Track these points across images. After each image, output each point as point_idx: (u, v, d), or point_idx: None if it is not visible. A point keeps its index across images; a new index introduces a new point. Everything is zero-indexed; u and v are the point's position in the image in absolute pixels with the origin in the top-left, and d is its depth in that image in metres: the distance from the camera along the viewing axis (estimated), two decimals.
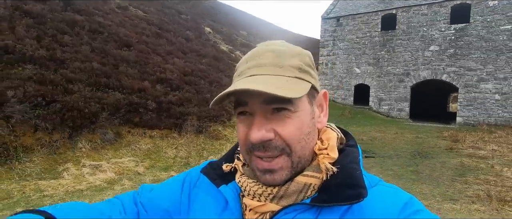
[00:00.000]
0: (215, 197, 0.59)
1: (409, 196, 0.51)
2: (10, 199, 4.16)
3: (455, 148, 8.36)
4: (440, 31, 13.97)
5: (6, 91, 5.20)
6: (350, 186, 0.49)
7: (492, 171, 6.08)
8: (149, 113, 7.53)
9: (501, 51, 12.67)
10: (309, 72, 0.53)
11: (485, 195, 4.64)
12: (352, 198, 0.47)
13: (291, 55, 0.52)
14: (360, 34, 16.29)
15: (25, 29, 7.23)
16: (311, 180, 0.51)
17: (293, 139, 0.49)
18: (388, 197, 0.50)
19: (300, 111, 0.50)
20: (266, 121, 0.49)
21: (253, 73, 0.50)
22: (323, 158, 0.52)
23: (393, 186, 0.54)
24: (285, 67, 0.50)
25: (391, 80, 15.38)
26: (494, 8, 12.79)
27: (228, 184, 0.59)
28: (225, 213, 0.57)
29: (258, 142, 0.49)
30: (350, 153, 0.55)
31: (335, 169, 0.51)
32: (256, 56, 0.52)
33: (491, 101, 12.93)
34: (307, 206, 0.50)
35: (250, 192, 0.54)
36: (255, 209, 0.53)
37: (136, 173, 5.70)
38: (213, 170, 0.62)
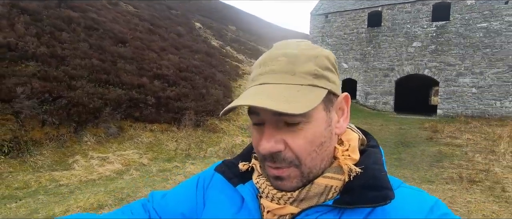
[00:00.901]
0: (230, 196, 0.59)
1: (435, 199, 0.49)
2: (28, 188, 4.46)
3: (435, 138, 9.08)
4: (422, 28, 14.73)
5: (15, 88, 5.42)
6: (375, 188, 0.47)
7: (465, 157, 6.76)
8: (149, 107, 7.84)
9: (477, 48, 13.54)
10: (326, 77, 0.50)
11: (457, 177, 5.28)
12: (378, 200, 0.45)
13: (306, 60, 0.49)
14: (348, 31, 16.90)
15: (24, 27, 7.36)
16: (332, 182, 0.50)
17: (303, 152, 0.48)
18: (413, 200, 0.49)
19: (313, 120, 0.48)
20: (277, 131, 0.48)
21: (264, 81, 0.49)
22: (344, 159, 0.51)
23: (417, 189, 0.52)
24: (297, 75, 0.48)
25: (377, 75, 16.11)
26: (471, 6, 13.61)
27: (245, 183, 0.58)
28: (242, 212, 0.56)
29: (267, 153, 0.48)
30: (372, 154, 0.53)
31: (359, 170, 0.49)
32: (269, 61, 0.51)
33: (469, 95, 13.83)
34: (329, 208, 0.49)
35: (268, 194, 0.52)
36: (273, 211, 0.52)
37: (141, 164, 6.05)
38: (228, 168, 0.61)
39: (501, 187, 4.79)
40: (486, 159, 6.53)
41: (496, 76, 13.22)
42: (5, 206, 3.86)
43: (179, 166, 6.01)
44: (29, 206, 3.87)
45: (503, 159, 6.47)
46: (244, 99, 0.46)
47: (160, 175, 5.41)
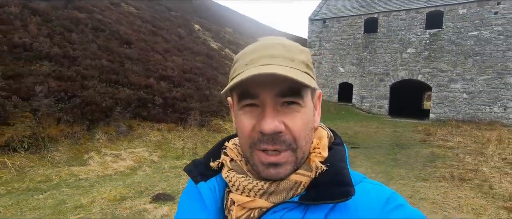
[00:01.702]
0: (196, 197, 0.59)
1: (391, 192, 0.52)
2: (50, 182, 4.72)
3: (428, 140, 9.54)
4: (416, 35, 15.30)
5: (34, 87, 5.67)
6: (339, 184, 0.49)
7: (456, 158, 7.21)
8: (157, 107, 8.12)
9: (468, 55, 14.15)
10: (313, 70, 0.54)
11: (449, 176, 5.70)
12: (340, 196, 0.47)
13: (299, 51, 0.52)
14: (345, 36, 17.40)
15: (37, 27, 7.59)
16: (302, 178, 0.52)
17: (300, 133, 0.50)
18: (371, 193, 0.51)
19: (306, 106, 0.51)
20: (276, 113, 0.49)
21: (266, 62, 0.49)
22: (314, 157, 0.53)
23: (376, 183, 0.55)
24: (296, 61, 0.50)
25: (373, 80, 16.62)
26: (463, 15, 14.23)
27: (206, 181, 0.58)
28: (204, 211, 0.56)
29: (272, 132, 0.48)
30: (338, 152, 0.56)
31: (325, 167, 0.51)
32: (266, 47, 0.51)
33: (460, 100, 14.42)
34: (295, 204, 0.50)
35: (239, 187, 0.53)
36: (243, 205, 0.53)
37: (152, 161, 6.34)
38: (195, 167, 0.61)
39: (488, 185, 5.22)
40: (475, 160, 6.99)
41: (486, 83, 13.83)
42: (32, 197, 4.13)
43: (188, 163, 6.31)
44: (56, 197, 4.14)
45: (491, 160, 6.93)
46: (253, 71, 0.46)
47: (172, 171, 5.72)
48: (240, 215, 0.52)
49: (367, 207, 0.49)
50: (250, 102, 0.50)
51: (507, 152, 7.78)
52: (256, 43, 0.53)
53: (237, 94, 0.52)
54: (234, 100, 0.54)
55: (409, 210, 0.50)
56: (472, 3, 14.01)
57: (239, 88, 0.50)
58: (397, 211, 0.49)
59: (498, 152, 7.67)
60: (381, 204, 0.49)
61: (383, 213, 0.48)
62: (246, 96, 0.50)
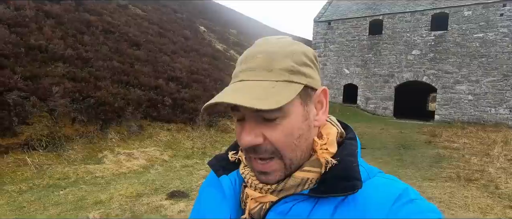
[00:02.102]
0: (218, 187, 0.62)
1: (404, 187, 0.51)
2: (68, 179, 4.90)
3: (433, 141, 9.61)
4: (421, 37, 15.36)
5: (51, 87, 5.87)
6: (346, 178, 0.50)
7: (462, 159, 7.29)
8: (166, 108, 8.30)
9: (474, 57, 14.18)
10: (303, 72, 0.52)
11: (455, 176, 5.80)
12: (347, 189, 0.49)
13: (283, 56, 0.51)
14: (350, 38, 17.49)
15: (51, 30, 7.81)
16: (309, 175, 0.53)
17: (281, 144, 0.51)
18: (383, 188, 0.51)
19: (290, 114, 0.51)
20: (256, 125, 0.50)
21: (243, 77, 0.51)
22: (322, 153, 0.54)
23: (391, 177, 0.55)
24: (274, 71, 0.50)
25: (377, 81, 16.69)
26: (468, 17, 14.27)
27: (228, 174, 0.61)
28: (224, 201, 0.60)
29: (246, 146, 0.51)
30: (348, 146, 0.56)
31: (335, 161, 0.52)
32: (248, 58, 0.53)
33: (465, 101, 14.44)
34: (306, 197, 0.52)
35: (252, 184, 0.56)
36: (255, 199, 0.55)
37: (164, 161, 6.50)
38: (217, 161, 0.65)
39: (494, 185, 5.31)
40: (481, 161, 7.06)
41: (491, 84, 13.84)
42: (53, 193, 4.30)
43: (199, 163, 6.47)
44: (75, 193, 4.31)
45: (497, 161, 7.00)
46: (220, 97, 0.49)
47: (183, 170, 5.87)
48: (253, 208, 0.55)
49: (377, 201, 0.49)
50: (238, 115, 0.52)
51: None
52: (246, 52, 0.55)
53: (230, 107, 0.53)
54: None
55: (422, 205, 0.48)
56: (477, 5, 14.05)
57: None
58: (408, 206, 0.48)
59: (504, 153, 7.73)
60: (392, 199, 0.49)
61: (394, 208, 0.48)
62: (233, 110, 0.52)
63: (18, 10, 7.77)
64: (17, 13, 7.54)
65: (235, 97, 0.47)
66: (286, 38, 0.56)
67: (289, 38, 0.57)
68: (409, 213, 0.47)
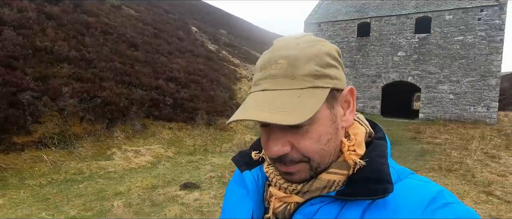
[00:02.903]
0: (242, 183, 0.63)
1: (439, 189, 0.48)
2: (83, 174, 5.20)
3: (418, 138, 10.31)
4: (406, 39, 16.19)
5: (61, 88, 6.12)
6: (376, 181, 0.48)
7: (444, 153, 7.96)
8: (167, 107, 8.62)
9: (454, 58, 15.09)
10: (328, 75, 0.50)
11: (437, 167, 6.42)
12: (377, 192, 0.46)
13: (306, 60, 0.49)
14: (339, 39, 18.18)
15: (54, 31, 8.00)
16: (335, 177, 0.51)
17: (309, 151, 0.49)
18: (415, 190, 0.48)
19: (318, 120, 0.49)
20: (282, 134, 0.49)
21: (265, 87, 0.50)
22: (350, 154, 0.51)
23: (425, 179, 0.52)
24: (298, 78, 0.49)
25: (365, 81, 17.44)
26: (449, 21, 15.17)
27: (251, 170, 0.61)
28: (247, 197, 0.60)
29: (274, 156, 0.50)
30: (377, 147, 0.54)
31: (363, 163, 0.50)
32: (269, 64, 0.51)
33: (447, 100, 15.35)
34: (332, 199, 0.50)
35: (276, 184, 0.55)
36: (280, 199, 0.55)
37: (169, 157, 6.85)
38: (241, 157, 0.65)
39: (471, 174, 5.95)
40: (460, 154, 7.75)
41: (470, 84, 14.78)
42: (72, 186, 4.62)
43: (203, 159, 6.85)
44: (94, 186, 4.63)
45: (474, 154, 7.71)
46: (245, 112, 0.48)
47: (190, 165, 6.25)
48: (278, 207, 0.54)
49: (409, 205, 0.46)
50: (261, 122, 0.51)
51: (488, 147, 8.58)
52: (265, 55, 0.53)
53: None
54: None
55: (458, 209, 0.45)
56: (457, 9, 14.96)
57: None
58: (443, 210, 0.44)
59: (481, 147, 8.47)
60: (425, 202, 0.45)
61: (427, 212, 0.45)
62: None
63: (20, 12, 7.92)
64: (20, 15, 7.70)
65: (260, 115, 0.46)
66: (306, 37, 0.53)
67: (310, 35, 0.54)
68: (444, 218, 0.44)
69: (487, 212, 4.18)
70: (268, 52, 0.53)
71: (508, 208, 4.35)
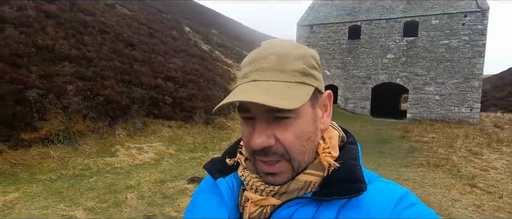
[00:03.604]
0: (216, 192, 0.61)
1: (404, 191, 0.52)
2: (91, 170, 5.35)
3: (406, 136, 10.81)
4: (395, 42, 16.81)
5: (65, 86, 6.23)
6: (350, 181, 0.50)
7: (431, 150, 8.44)
8: (167, 106, 8.79)
9: (440, 61, 15.79)
10: (313, 75, 0.53)
11: (426, 163, 6.85)
12: (352, 191, 0.49)
13: (295, 58, 0.52)
14: (330, 41, 18.67)
15: (54, 30, 8.05)
16: (312, 178, 0.53)
17: (292, 145, 0.51)
18: (384, 192, 0.52)
19: (302, 115, 0.51)
20: (267, 126, 0.50)
21: (255, 78, 0.51)
22: (325, 156, 0.54)
23: (391, 182, 0.55)
24: (287, 72, 0.51)
25: (356, 82, 17.98)
26: (435, 26, 15.86)
27: (225, 177, 0.60)
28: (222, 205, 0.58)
29: (258, 148, 0.50)
30: (350, 150, 0.57)
31: (337, 164, 0.53)
32: (259, 58, 0.53)
33: (433, 101, 16.03)
34: (308, 200, 0.52)
35: (252, 187, 0.55)
36: (256, 202, 0.55)
37: (171, 154, 7.04)
38: (214, 164, 0.64)
39: (457, 169, 6.40)
40: (446, 151, 8.24)
41: (455, 86, 15.51)
42: (82, 181, 4.77)
43: (204, 156, 7.07)
44: (104, 181, 4.80)
45: (459, 151, 8.21)
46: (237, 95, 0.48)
47: (193, 161, 6.46)
48: (253, 211, 0.55)
49: (379, 205, 0.49)
50: (246, 115, 0.52)
51: (472, 145, 9.14)
52: (254, 53, 0.55)
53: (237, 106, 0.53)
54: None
55: (422, 209, 0.49)
56: (443, 14, 15.67)
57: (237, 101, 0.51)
58: (409, 210, 0.49)
59: (465, 145, 9.01)
60: (393, 202, 0.49)
61: (395, 212, 0.48)
62: (242, 110, 0.52)
63: (20, 10, 7.93)
64: (20, 13, 7.71)
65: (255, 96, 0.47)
66: (292, 41, 0.56)
67: (294, 41, 0.57)
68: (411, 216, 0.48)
69: (472, 201, 4.60)
70: (257, 50, 0.55)
71: (490, 198, 4.79)
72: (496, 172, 6.29)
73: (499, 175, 6.13)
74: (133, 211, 3.72)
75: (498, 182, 5.67)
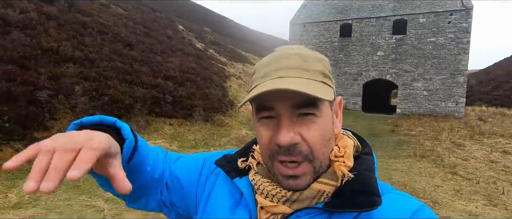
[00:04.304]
0: (230, 188, 0.61)
1: (420, 204, 0.50)
2: None
3: (396, 130, 11.40)
4: (385, 40, 17.41)
5: (73, 86, 6.51)
6: (364, 193, 0.49)
7: (418, 143, 9.01)
8: (167, 105, 9.11)
9: (427, 58, 16.46)
10: (330, 78, 0.54)
11: (413, 154, 7.40)
12: (365, 205, 0.47)
13: (316, 60, 0.53)
14: (323, 39, 19.17)
15: (56, 32, 8.27)
16: (325, 187, 0.52)
17: (316, 144, 0.50)
18: (398, 205, 0.50)
19: (324, 116, 0.51)
20: (293, 123, 0.50)
21: (281, 75, 0.50)
22: (339, 165, 0.52)
23: (405, 194, 0.54)
24: (311, 71, 0.51)
25: (348, 79, 18.55)
26: (423, 24, 16.51)
27: (242, 178, 0.60)
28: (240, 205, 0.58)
29: (287, 144, 0.49)
30: (365, 161, 0.55)
31: (352, 175, 0.51)
32: (282, 58, 0.53)
33: (421, 96, 16.72)
34: (319, 211, 0.51)
35: (263, 192, 0.55)
36: (266, 209, 0.54)
37: (174, 150, 7.39)
38: (228, 162, 0.63)
39: (440, 159, 6.96)
40: (432, 143, 8.82)
41: (442, 82, 16.21)
42: None
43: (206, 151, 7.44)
44: None
45: (443, 143, 8.80)
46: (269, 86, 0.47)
47: None
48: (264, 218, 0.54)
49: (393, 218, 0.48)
50: (267, 114, 0.51)
51: (456, 137, 9.76)
52: (273, 54, 0.55)
53: (255, 106, 0.53)
54: (253, 111, 0.55)
55: None
56: (430, 13, 16.32)
57: (256, 101, 0.51)
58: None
59: (449, 138, 9.62)
60: (408, 215, 0.48)
61: None
62: (263, 109, 0.52)
63: (22, 12, 8.12)
64: (24, 16, 7.91)
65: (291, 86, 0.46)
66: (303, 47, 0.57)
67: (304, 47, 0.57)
68: None
69: (452, 187, 5.12)
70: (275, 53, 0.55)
71: (468, 184, 5.33)
72: (476, 161, 6.87)
73: (478, 164, 6.71)
74: None
75: (477, 170, 6.24)
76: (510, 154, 7.49)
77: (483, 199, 4.63)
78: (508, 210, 4.23)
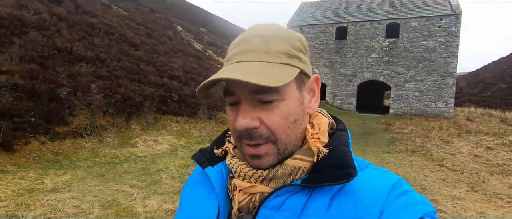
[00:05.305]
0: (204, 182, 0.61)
1: (397, 178, 0.52)
2: (119, 158, 6.11)
3: (389, 129, 12.02)
4: (378, 43, 18.10)
5: (89, 85, 6.92)
6: (340, 167, 0.50)
7: (409, 140, 9.63)
8: (174, 103, 9.55)
9: (419, 60, 17.20)
10: (299, 57, 0.53)
11: (404, 150, 7.99)
12: (342, 177, 0.48)
13: (280, 40, 0.52)
14: (319, 41, 19.79)
15: (68, 33, 8.65)
16: (301, 163, 0.52)
17: (278, 127, 0.50)
18: (377, 179, 0.51)
19: (287, 98, 0.51)
20: (252, 109, 0.50)
21: (239, 59, 0.50)
22: (314, 142, 0.53)
23: (382, 169, 0.55)
24: (272, 53, 0.50)
25: (343, 80, 19.19)
26: (415, 27, 17.25)
27: (214, 166, 0.60)
28: (211, 193, 0.58)
29: (243, 129, 0.50)
30: (339, 136, 0.56)
31: (327, 151, 0.52)
32: (244, 41, 0.52)
33: (412, 97, 17.44)
34: (299, 188, 0.51)
35: (240, 174, 0.55)
36: (244, 190, 0.54)
37: (182, 145, 7.85)
38: (202, 154, 0.64)
39: (430, 154, 7.56)
40: (423, 140, 9.45)
41: (432, 83, 16.96)
42: (116, 167, 5.54)
43: None
44: (135, 166, 5.59)
45: (433, 140, 9.43)
46: (219, 74, 0.48)
47: None
48: (242, 200, 0.54)
49: (373, 192, 0.49)
50: (231, 99, 0.52)
51: (444, 135, 10.41)
52: (240, 36, 0.55)
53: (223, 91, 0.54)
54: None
55: (415, 197, 0.49)
56: (421, 17, 17.07)
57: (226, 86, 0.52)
58: (402, 197, 0.48)
59: (439, 135, 10.27)
60: (387, 189, 0.49)
61: (389, 199, 0.48)
62: (227, 94, 0.52)
63: (36, 14, 8.48)
64: (38, 17, 8.27)
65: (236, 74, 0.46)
66: (278, 25, 0.56)
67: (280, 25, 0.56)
68: (404, 204, 0.47)
69: (439, 177, 5.70)
70: (243, 33, 0.55)
71: (453, 174, 5.92)
72: (462, 156, 7.50)
73: (464, 157, 7.33)
74: (170, 187, 4.56)
75: (462, 163, 6.85)
76: (493, 150, 8.14)
77: (466, 186, 5.21)
78: (487, 195, 4.81)
